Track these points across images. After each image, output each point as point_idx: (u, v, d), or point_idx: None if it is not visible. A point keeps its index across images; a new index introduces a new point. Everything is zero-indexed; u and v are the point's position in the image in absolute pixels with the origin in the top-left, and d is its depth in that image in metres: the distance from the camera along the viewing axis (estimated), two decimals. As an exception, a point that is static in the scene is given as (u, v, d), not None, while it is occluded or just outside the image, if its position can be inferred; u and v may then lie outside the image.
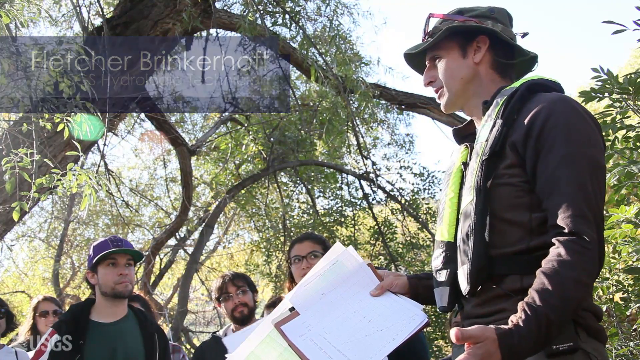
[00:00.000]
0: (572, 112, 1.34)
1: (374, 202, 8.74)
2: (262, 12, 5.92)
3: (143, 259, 8.79)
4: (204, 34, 6.35)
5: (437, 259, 1.50)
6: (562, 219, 1.26)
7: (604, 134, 2.72)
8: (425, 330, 2.32)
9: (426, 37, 1.61)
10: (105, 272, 2.54)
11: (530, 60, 1.59)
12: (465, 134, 1.61)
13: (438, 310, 1.53)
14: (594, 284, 3.06)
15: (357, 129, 7.46)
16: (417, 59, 1.66)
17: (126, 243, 2.64)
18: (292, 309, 1.55)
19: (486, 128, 1.43)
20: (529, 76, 1.53)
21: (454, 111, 1.64)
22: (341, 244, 1.65)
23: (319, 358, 1.40)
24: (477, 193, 1.35)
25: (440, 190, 1.62)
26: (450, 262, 1.46)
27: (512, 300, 1.30)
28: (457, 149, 1.60)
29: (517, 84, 1.46)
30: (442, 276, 1.47)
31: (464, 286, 1.37)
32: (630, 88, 2.52)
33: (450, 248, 1.47)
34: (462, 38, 1.55)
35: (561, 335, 1.24)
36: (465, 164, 1.51)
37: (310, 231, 7.16)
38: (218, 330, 3.27)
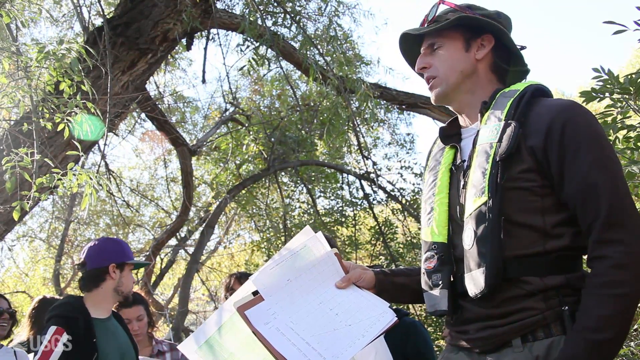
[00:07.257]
0: (588, 117, 1.36)
1: (374, 202, 8.73)
2: (262, 12, 5.91)
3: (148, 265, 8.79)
4: (205, 34, 6.35)
5: (429, 261, 1.46)
6: (600, 230, 1.26)
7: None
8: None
9: (428, 23, 1.56)
10: (128, 275, 2.76)
11: (522, 73, 1.58)
12: (450, 134, 1.58)
13: (428, 312, 1.48)
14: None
15: (357, 129, 7.46)
16: (411, 44, 1.61)
17: None
18: (255, 293, 1.47)
19: (491, 128, 1.39)
20: (528, 82, 1.50)
21: (443, 104, 1.58)
22: (310, 229, 1.59)
23: (287, 349, 1.35)
24: (493, 194, 1.31)
25: (422, 189, 1.60)
26: (445, 264, 1.43)
27: (534, 298, 1.30)
28: (441, 148, 1.58)
29: (518, 87, 1.45)
30: (438, 279, 1.44)
31: (477, 289, 1.33)
32: (631, 88, 2.52)
33: (444, 249, 1.44)
34: (468, 31, 1.52)
35: None
36: (456, 165, 1.50)
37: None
38: None
